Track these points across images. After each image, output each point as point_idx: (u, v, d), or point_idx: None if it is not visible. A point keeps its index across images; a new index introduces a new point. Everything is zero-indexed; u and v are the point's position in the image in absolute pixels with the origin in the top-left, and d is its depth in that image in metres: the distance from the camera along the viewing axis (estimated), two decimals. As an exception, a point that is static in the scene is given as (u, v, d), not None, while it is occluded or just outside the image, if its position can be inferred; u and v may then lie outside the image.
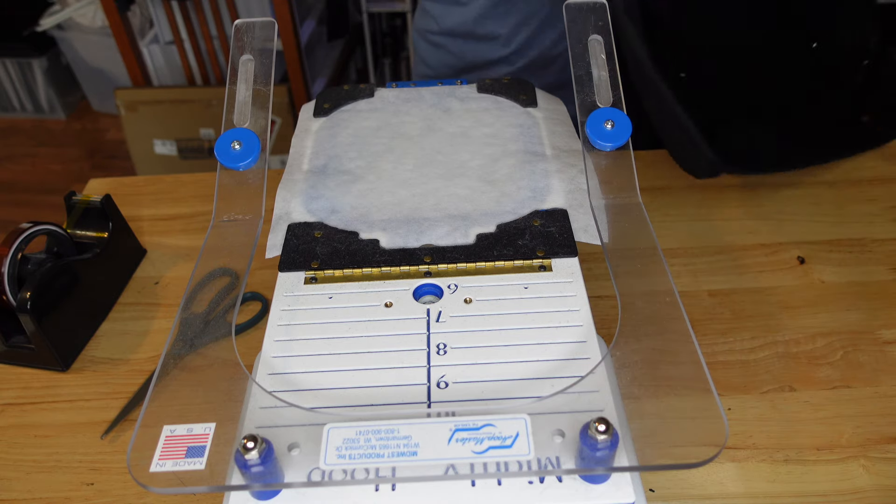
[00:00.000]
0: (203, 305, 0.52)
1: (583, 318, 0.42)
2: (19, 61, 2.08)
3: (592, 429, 0.32)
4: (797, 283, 0.59)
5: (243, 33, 0.56)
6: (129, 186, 0.75)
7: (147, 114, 1.50)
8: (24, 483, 0.48)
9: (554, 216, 0.50)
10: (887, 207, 0.66)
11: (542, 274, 0.46)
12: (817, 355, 0.53)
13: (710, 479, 0.45)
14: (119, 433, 0.50)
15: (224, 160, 0.49)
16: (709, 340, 0.55)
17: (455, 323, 0.43)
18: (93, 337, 0.58)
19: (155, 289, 0.63)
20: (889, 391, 0.50)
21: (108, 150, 2.09)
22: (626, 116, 0.49)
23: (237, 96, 0.52)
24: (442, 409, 0.38)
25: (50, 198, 1.88)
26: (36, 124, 2.20)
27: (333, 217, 0.51)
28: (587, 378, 0.38)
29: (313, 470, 0.34)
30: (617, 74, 0.52)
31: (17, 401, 0.53)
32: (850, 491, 0.44)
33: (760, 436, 0.48)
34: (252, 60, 0.54)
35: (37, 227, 0.55)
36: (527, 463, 0.34)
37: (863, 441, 0.47)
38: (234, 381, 0.40)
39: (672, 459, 0.34)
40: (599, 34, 0.53)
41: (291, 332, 0.43)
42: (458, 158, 0.56)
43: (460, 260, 0.47)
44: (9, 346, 0.55)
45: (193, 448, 0.36)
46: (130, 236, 0.65)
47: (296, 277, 0.47)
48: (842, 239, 0.63)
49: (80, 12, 1.95)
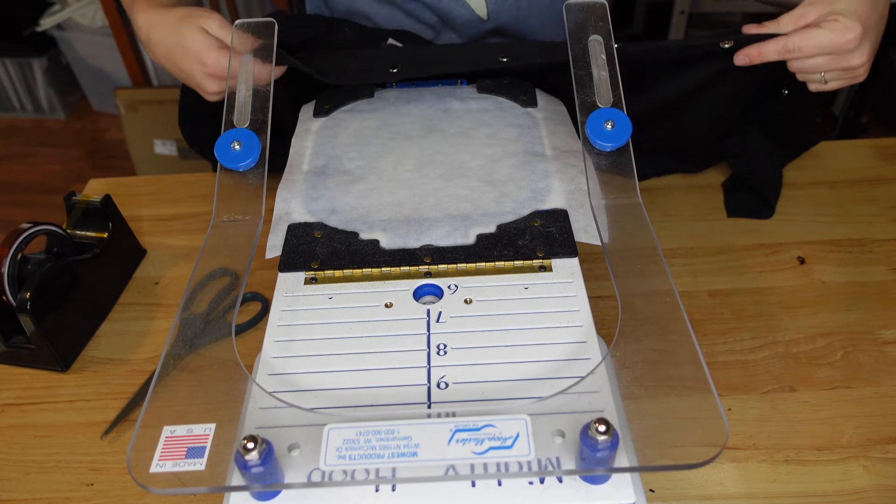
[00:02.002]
0: (203, 306, 0.52)
1: (583, 319, 0.42)
2: (19, 61, 2.08)
3: (593, 429, 0.32)
4: (797, 283, 0.59)
5: (243, 33, 0.56)
6: (129, 186, 0.75)
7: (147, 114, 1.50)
8: (23, 483, 0.48)
9: (554, 216, 0.50)
10: (887, 207, 0.66)
11: (542, 274, 0.46)
12: (817, 355, 0.53)
13: (710, 480, 0.45)
14: (119, 433, 0.50)
15: (224, 160, 0.49)
16: (709, 340, 0.55)
17: (455, 323, 0.43)
18: (93, 337, 0.58)
19: (155, 289, 0.63)
20: (889, 391, 0.50)
21: (108, 150, 2.09)
22: (626, 116, 0.49)
23: (237, 96, 0.52)
24: (442, 409, 0.38)
25: (50, 198, 1.88)
26: (36, 124, 2.20)
27: (333, 217, 0.51)
28: (587, 378, 0.38)
29: (313, 470, 0.34)
30: (617, 74, 0.51)
31: (17, 401, 0.53)
32: (851, 491, 0.44)
33: (761, 436, 0.48)
34: (252, 60, 0.54)
35: (37, 228, 0.55)
36: (527, 463, 0.34)
37: (863, 441, 0.47)
38: (234, 381, 0.40)
39: (672, 460, 0.34)
40: (599, 34, 0.53)
41: (291, 332, 0.43)
42: (458, 159, 0.56)
43: (460, 260, 0.47)
44: (9, 346, 0.55)
45: (193, 448, 0.36)
46: (130, 236, 0.65)
47: (296, 278, 0.47)
48: (842, 239, 0.63)
49: (80, 12, 1.95)
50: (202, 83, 0.57)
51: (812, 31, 0.53)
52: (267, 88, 0.53)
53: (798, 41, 0.54)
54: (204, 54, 0.55)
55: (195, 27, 0.55)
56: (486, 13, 0.71)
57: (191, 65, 0.56)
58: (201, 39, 0.55)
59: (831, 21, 0.53)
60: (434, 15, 0.71)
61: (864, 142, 0.75)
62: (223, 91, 0.57)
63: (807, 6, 0.55)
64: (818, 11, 0.54)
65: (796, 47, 0.54)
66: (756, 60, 0.55)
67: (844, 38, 0.52)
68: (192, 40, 0.55)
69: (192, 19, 0.56)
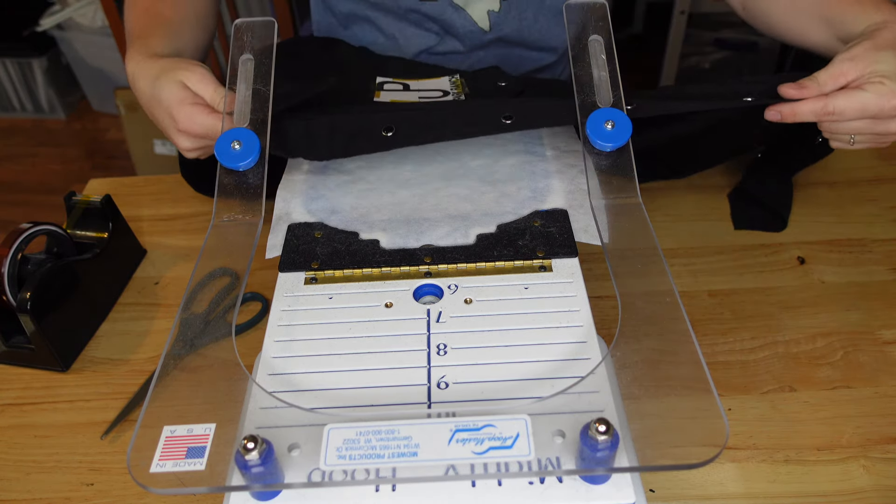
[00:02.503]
0: (203, 305, 0.52)
1: (583, 319, 0.42)
2: (19, 61, 2.08)
3: (593, 429, 0.32)
4: (797, 283, 0.59)
5: (243, 33, 0.56)
6: (129, 186, 0.75)
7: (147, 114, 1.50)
8: (23, 483, 0.48)
9: (554, 216, 0.50)
10: (887, 207, 0.66)
11: (542, 274, 0.46)
12: (817, 355, 0.53)
13: (710, 480, 0.45)
14: (119, 433, 0.50)
15: (224, 160, 0.49)
16: (709, 340, 0.55)
17: (455, 323, 0.43)
18: (93, 337, 0.58)
19: (155, 289, 0.63)
20: (889, 391, 0.50)
21: (108, 150, 2.09)
22: (626, 116, 0.49)
23: (237, 96, 0.52)
24: (442, 409, 0.38)
25: (50, 198, 1.88)
26: (36, 124, 2.20)
27: (333, 217, 0.51)
28: (587, 378, 0.38)
29: (313, 470, 0.34)
30: (617, 74, 0.51)
31: (17, 401, 0.53)
32: (851, 491, 0.44)
33: (761, 436, 0.48)
34: (252, 60, 0.54)
35: (37, 228, 0.55)
36: (527, 463, 0.34)
37: (863, 441, 0.47)
38: (234, 381, 0.40)
39: (672, 460, 0.34)
40: (599, 34, 0.53)
41: (292, 332, 0.43)
42: (459, 159, 0.56)
43: (460, 260, 0.47)
44: (9, 346, 0.55)
45: (193, 448, 0.36)
46: (130, 236, 0.65)
47: (296, 278, 0.47)
48: (842, 239, 0.63)
49: (80, 12, 1.95)
50: (174, 138, 0.55)
51: (856, 94, 0.48)
52: (267, 88, 0.53)
53: (841, 104, 0.49)
54: (175, 109, 0.52)
55: (173, 80, 0.53)
56: (489, 25, 0.71)
57: (164, 118, 0.54)
58: (175, 93, 0.52)
59: (876, 83, 0.48)
60: (436, 24, 0.71)
61: (864, 142, 0.75)
62: (199, 147, 0.55)
63: (845, 62, 0.50)
64: (858, 71, 0.49)
65: (838, 110, 0.49)
66: (789, 120, 0.51)
67: (891, 103, 0.48)
68: (167, 94, 0.52)
69: (172, 72, 0.53)
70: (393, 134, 0.50)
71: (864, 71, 0.49)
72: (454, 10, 0.69)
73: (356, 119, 0.53)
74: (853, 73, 0.49)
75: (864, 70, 0.49)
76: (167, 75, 0.53)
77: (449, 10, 0.69)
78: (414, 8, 0.69)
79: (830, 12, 0.55)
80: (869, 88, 0.48)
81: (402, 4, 0.69)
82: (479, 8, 0.69)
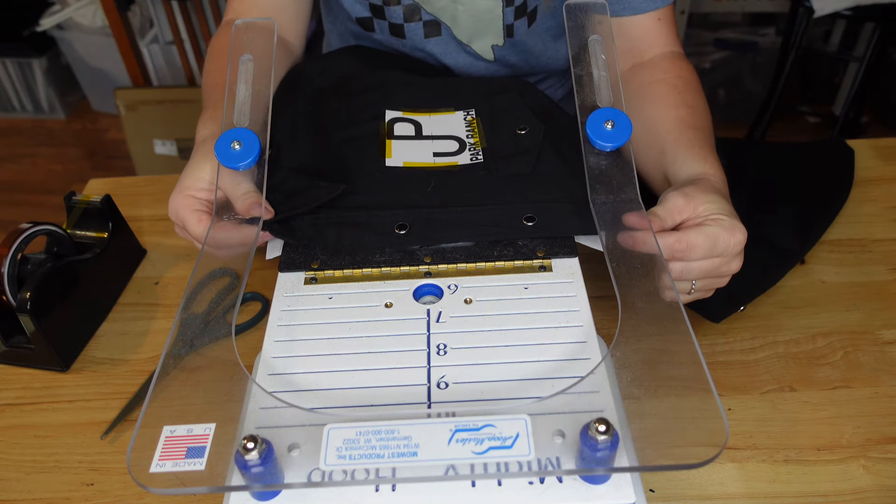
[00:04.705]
0: (203, 305, 0.52)
1: (583, 319, 0.42)
2: (19, 61, 2.08)
3: (593, 429, 0.32)
4: (797, 283, 0.59)
5: (243, 33, 0.56)
6: (129, 186, 0.75)
7: (147, 114, 1.50)
8: (23, 483, 0.48)
9: (554, 216, 0.50)
10: (887, 207, 0.66)
11: (542, 274, 0.46)
12: (817, 355, 0.53)
13: (710, 480, 0.45)
14: (119, 433, 0.50)
15: (224, 160, 0.49)
16: (709, 340, 0.55)
17: (455, 323, 0.43)
18: (93, 337, 0.58)
19: (155, 289, 0.63)
20: (889, 391, 0.50)
21: (108, 150, 2.09)
22: (626, 116, 0.49)
23: (237, 96, 0.52)
24: (442, 409, 0.38)
25: (50, 198, 1.88)
26: (36, 124, 2.20)
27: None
28: (587, 378, 0.38)
29: (313, 470, 0.34)
30: (617, 74, 0.52)
31: (17, 401, 0.53)
32: (851, 491, 0.44)
33: (761, 436, 0.48)
34: (252, 60, 0.54)
35: (37, 228, 0.55)
36: (527, 463, 0.34)
37: (863, 441, 0.47)
38: (234, 381, 0.40)
39: (672, 460, 0.34)
40: (599, 34, 0.53)
41: (292, 332, 0.43)
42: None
43: (460, 260, 0.47)
44: (9, 346, 0.55)
45: (193, 448, 0.36)
46: (130, 236, 0.65)
47: (296, 278, 0.47)
48: (842, 239, 0.63)
49: (80, 12, 1.95)
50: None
51: (704, 228, 0.45)
52: (267, 88, 0.53)
53: (692, 237, 0.45)
54: (181, 213, 0.51)
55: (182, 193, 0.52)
56: (493, 57, 0.71)
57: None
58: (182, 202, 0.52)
59: (717, 219, 0.46)
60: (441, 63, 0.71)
61: (863, 142, 0.75)
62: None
63: (679, 197, 0.47)
64: (692, 208, 0.46)
65: (691, 244, 0.45)
66: (641, 248, 0.46)
67: (735, 237, 0.45)
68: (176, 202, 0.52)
69: (183, 180, 0.52)
70: (406, 233, 0.48)
71: (698, 209, 0.46)
72: (457, 44, 0.69)
73: (366, 218, 0.50)
74: (687, 210, 0.46)
75: (698, 207, 0.46)
76: (184, 180, 0.52)
77: (452, 44, 0.69)
78: (419, 46, 0.69)
79: (667, 146, 0.54)
80: (712, 224, 0.45)
81: (408, 44, 0.70)
82: (484, 43, 0.69)
